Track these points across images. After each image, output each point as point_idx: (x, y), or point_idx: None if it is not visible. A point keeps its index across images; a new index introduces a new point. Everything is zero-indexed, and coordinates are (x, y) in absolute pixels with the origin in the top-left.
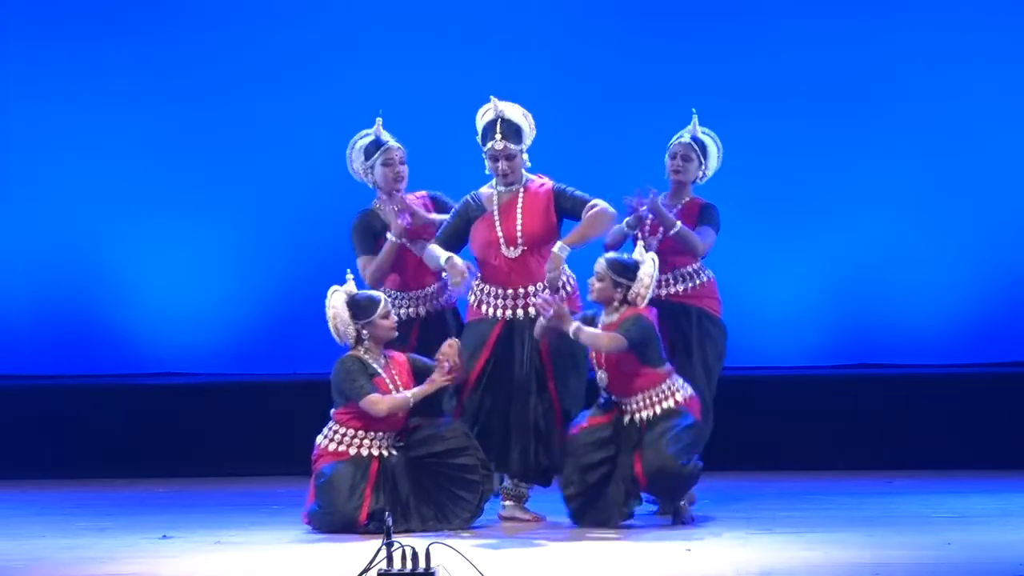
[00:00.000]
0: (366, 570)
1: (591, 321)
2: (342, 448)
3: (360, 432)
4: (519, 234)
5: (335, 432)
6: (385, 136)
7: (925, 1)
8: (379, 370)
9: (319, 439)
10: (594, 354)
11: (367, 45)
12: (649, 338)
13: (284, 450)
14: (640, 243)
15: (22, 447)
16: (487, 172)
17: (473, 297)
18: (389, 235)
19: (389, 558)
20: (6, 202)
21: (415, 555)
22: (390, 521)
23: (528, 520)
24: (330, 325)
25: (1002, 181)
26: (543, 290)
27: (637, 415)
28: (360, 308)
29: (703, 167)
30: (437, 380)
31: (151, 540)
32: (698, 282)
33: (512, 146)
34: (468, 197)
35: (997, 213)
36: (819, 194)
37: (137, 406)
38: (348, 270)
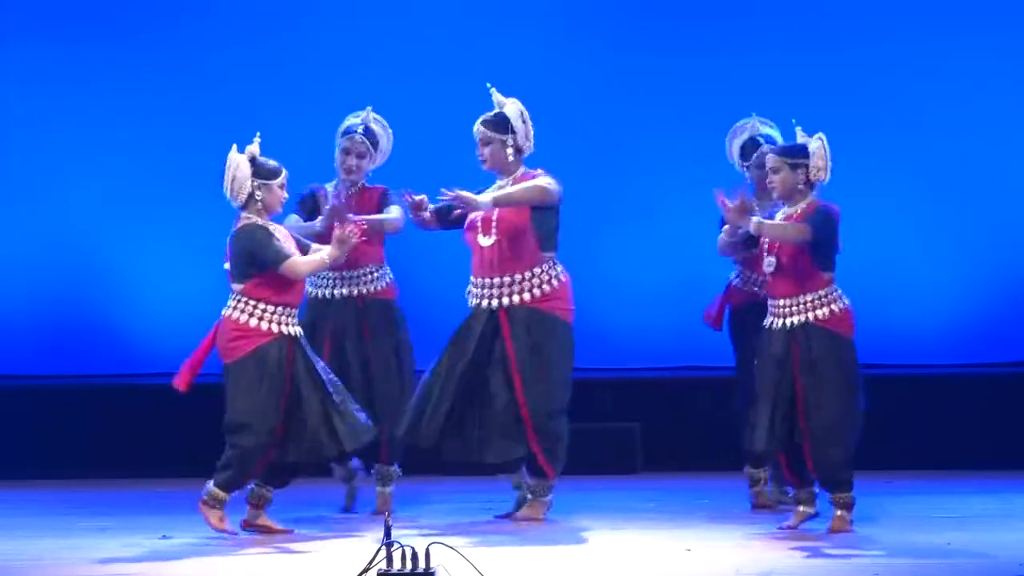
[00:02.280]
0: (366, 570)
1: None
2: (264, 325)
3: (271, 307)
4: (493, 222)
5: (248, 304)
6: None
7: (924, 2)
8: (280, 237)
9: (233, 313)
10: (767, 241)
11: (372, 45)
12: (831, 233)
13: None
14: (799, 128)
15: (22, 447)
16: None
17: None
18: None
19: (389, 558)
20: (6, 202)
21: (415, 555)
22: (391, 521)
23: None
24: (226, 179)
25: (1002, 181)
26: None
27: (788, 320)
28: (262, 169)
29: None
30: (345, 239)
31: (151, 540)
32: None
33: (489, 133)
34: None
35: (996, 213)
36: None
37: (137, 406)
38: (258, 133)
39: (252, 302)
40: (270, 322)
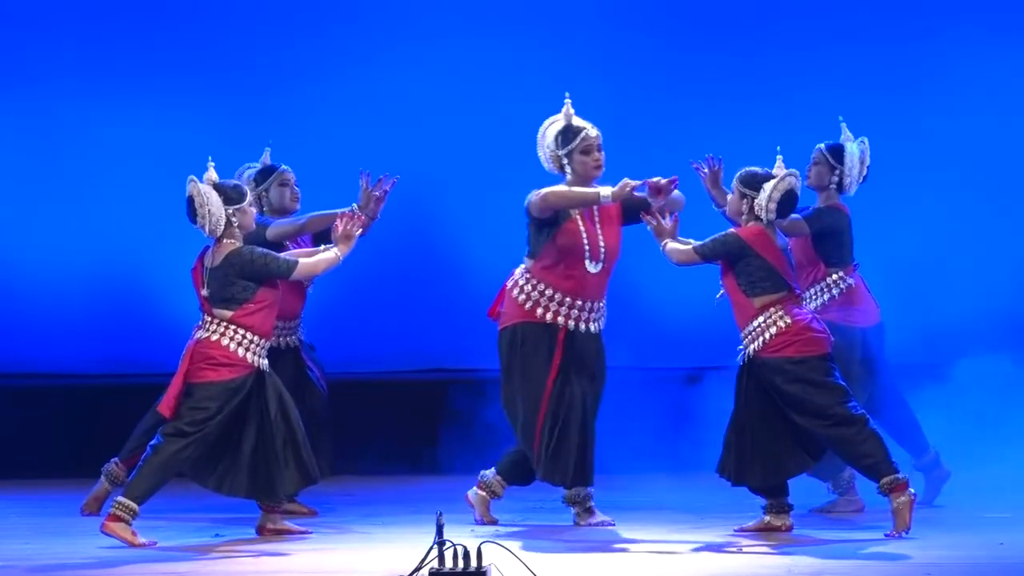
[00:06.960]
0: (418, 568)
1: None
2: (250, 357)
3: (256, 337)
4: (602, 249)
5: (236, 332)
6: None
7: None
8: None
9: (222, 340)
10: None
11: (389, 47)
12: (731, 254)
13: None
14: (780, 157)
15: (24, 447)
16: (554, 172)
17: (525, 296)
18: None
19: (441, 557)
20: (59, 205)
21: (467, 554)
22: (442, 520)
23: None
24: (200, 214)
25: (1010, 181)
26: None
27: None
28: (232, 194)
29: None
30: (351, 233)
31: (152, 540)
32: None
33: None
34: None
35: (999, 212)
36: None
37: (138, 406)
38: (209, 157)
39: (241, 331)
40: (255, 354)
